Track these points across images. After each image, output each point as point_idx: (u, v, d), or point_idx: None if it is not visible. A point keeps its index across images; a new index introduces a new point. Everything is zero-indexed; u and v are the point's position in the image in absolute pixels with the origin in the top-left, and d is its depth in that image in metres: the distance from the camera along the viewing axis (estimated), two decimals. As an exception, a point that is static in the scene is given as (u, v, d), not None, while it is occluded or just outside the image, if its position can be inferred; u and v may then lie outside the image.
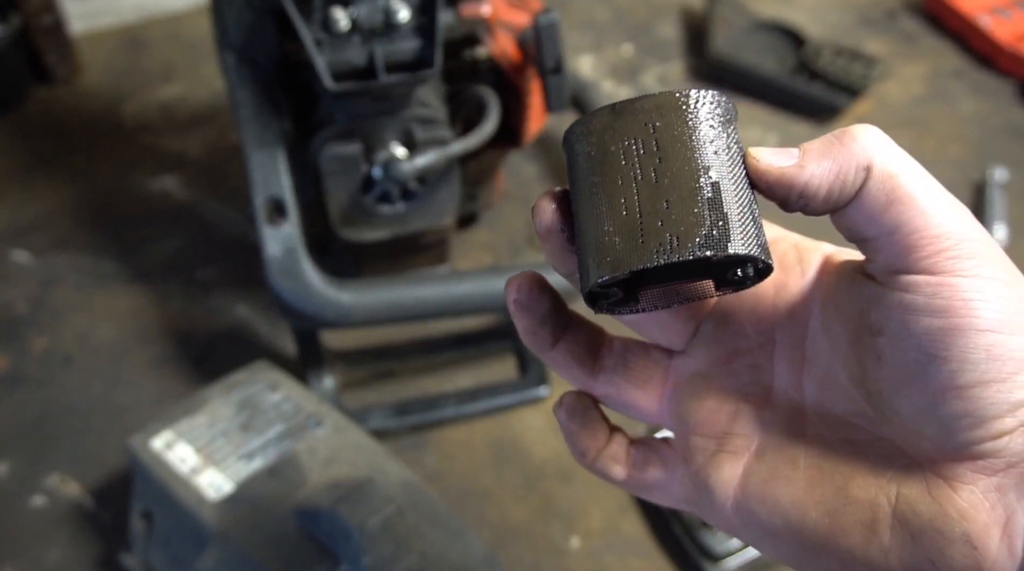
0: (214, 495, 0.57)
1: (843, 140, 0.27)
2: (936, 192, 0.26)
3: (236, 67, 0.67)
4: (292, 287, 0.66)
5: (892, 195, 0.26)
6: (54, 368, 0.79)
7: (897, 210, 0.26)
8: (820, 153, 0.27)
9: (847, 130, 0.27)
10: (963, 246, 0.26)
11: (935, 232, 0.26)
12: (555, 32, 0.68)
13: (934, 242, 0.26)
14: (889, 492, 0.26)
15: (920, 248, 0.26)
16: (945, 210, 0.26)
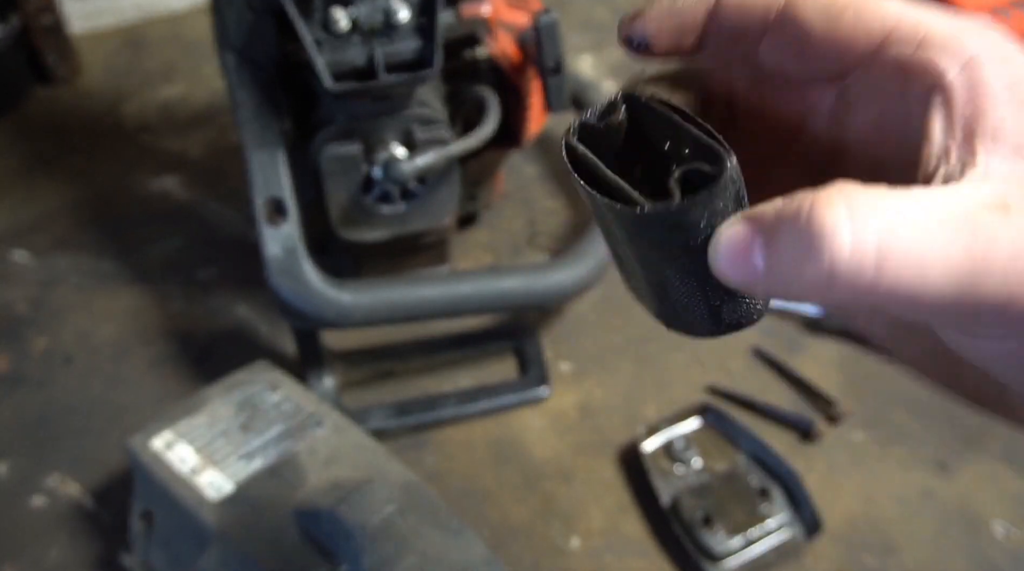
0: (214, 495, 0.57)
1: (812, 254, 0.20)
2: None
3: (236, 67, 0.67)
4: (292, 287, 0.66)
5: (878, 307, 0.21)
6: (54, 368, 0.79)
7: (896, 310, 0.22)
8: (780, 274, 0.21)
9: (814, 235, 0.20)
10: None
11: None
12: (555, 32, 0.68)
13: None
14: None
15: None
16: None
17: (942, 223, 0.20)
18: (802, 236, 0.20)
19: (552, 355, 0.79)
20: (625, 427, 0.74)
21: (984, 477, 0.70)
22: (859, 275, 0.19)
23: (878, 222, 0.19)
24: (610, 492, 0.69)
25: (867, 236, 0.19)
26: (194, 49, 1.16)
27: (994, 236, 0.20)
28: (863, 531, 0.67)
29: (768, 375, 0.78)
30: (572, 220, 0.93)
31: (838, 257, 0.19)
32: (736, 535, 0.64)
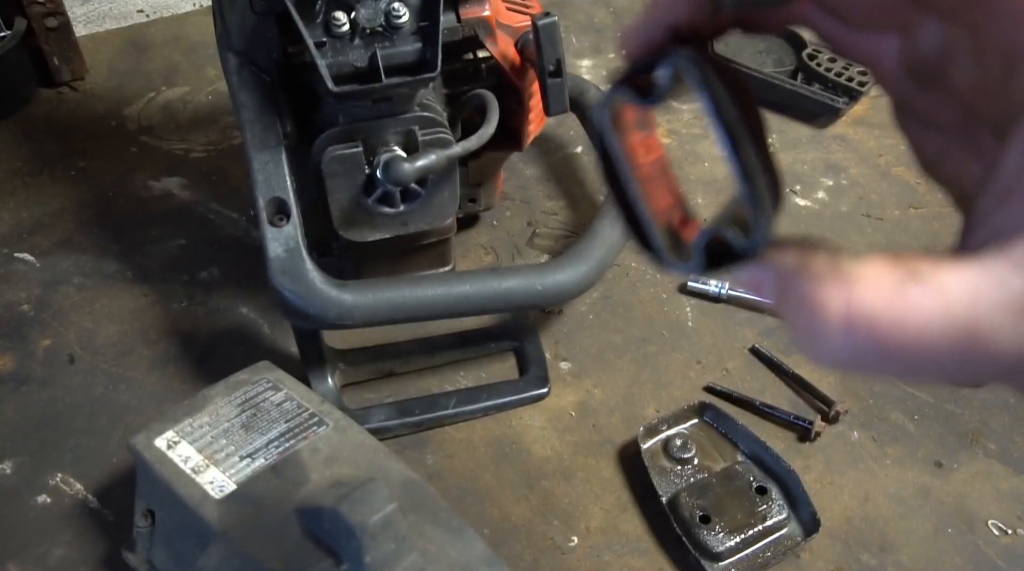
0: (216, 494, 0.57)
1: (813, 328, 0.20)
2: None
3: (238, 69, 0.68)
4: (294, 287, 0.66)
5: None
6: (57, 368, 0.79)
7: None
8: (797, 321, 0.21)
9: (818, 312, 0.20)
10: None
11: None
12: (554, 34, 0.69)
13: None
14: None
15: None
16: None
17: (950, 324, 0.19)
18: (804, 310, 0.20)
19: (552, 355, 0.80)
20: (625, 426, 0.74)
21: (980, 476, 0.71)
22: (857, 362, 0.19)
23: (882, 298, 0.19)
24: (609, 491, 0.70)
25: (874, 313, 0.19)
26: (197, 51, 1.16)
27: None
28: (860, 529, 0.67)
29: (766, 375, 0.78)
30: (572, 220, 0.93)
31: (832, 346, 0.19)
32: (734, 534, 0.64)
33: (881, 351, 0.19)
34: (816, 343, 0.20)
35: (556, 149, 1.02)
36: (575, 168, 1.00)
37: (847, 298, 0.19)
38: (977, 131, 0.25)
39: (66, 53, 1.09)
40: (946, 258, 0.20)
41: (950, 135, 0.26)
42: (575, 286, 0.72)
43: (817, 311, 0.19)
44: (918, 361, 0.19)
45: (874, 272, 0.19)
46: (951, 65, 0.24)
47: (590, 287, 0.74)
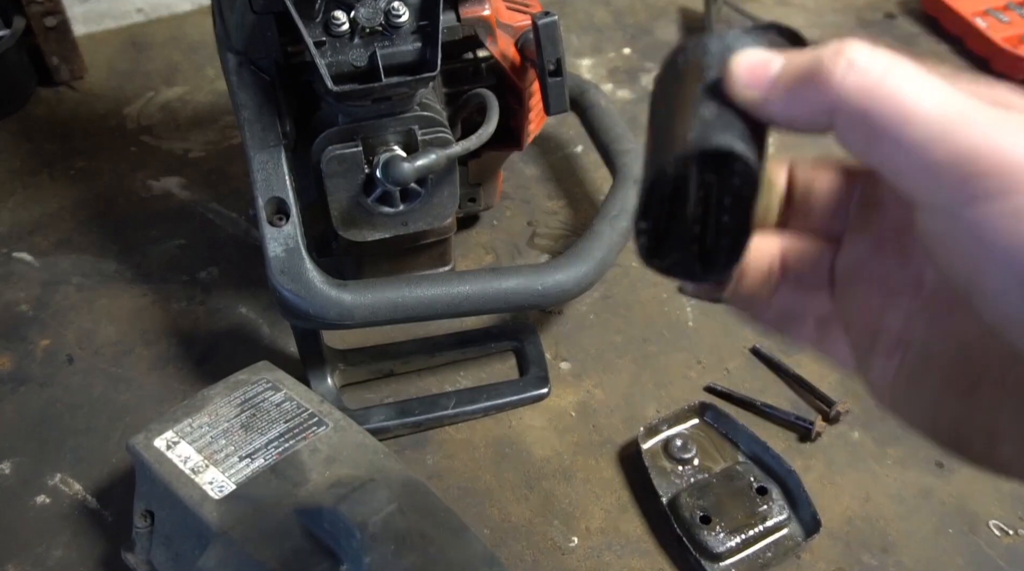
0: (216, 494, 0.57)
1: (814, 72, 0.24)
2: (928, 114, 0.23)
3: (238, 69, 0.68)
4: (294, 287, 0.66)
5: (870, 135, 0.24)
6: (56, 368, 0.79)
7: (880, 150, 0.24)
8: (790, 87, 0.25)
9: (824, 59, 0.24)
10: (976, 172, 0.23)
11: (935, 163, 0.23)
12: (554, 33, 0.69)
13: (936, 176, 0.23)
14: (1012, 406, 0.25)
15: (921, 186, 0.24)
16: (941, 131, 0.23)
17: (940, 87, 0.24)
18: (815, 56, 0.25)
19: (552, 355, 0.80)
20: (625, 427, 0.74)
21: (981, 476, 0.71)
22: (860, 91, 0.23)
23: (884, 60, 0.24)
24: (610, 491, 0.70)
25: (873, 64, 0.24)
26: (196, 51, 1.16)
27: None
28: (861, 530, 0.67)
29: (767, 375, 0.78)
30: (572, 220, 0.93)
31: (843, 71, 0.24)
32: (735, 534, 0.64)
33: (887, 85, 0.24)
34: (824, 87, 0.25)
35: (556, 149, 1.02)
36: (575, 168, 1.00)
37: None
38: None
39: (65, 52, 1.09)
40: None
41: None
42: (575, 286, 0.72)
43: (834, 53, 0.25)
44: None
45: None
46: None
47: (590, 287, 0.74)
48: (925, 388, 0.28)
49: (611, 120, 0.89)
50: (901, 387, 0.28)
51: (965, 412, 0.26)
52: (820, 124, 0.25)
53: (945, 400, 0.27)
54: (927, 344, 0.28)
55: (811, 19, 1.23)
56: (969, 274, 0.24)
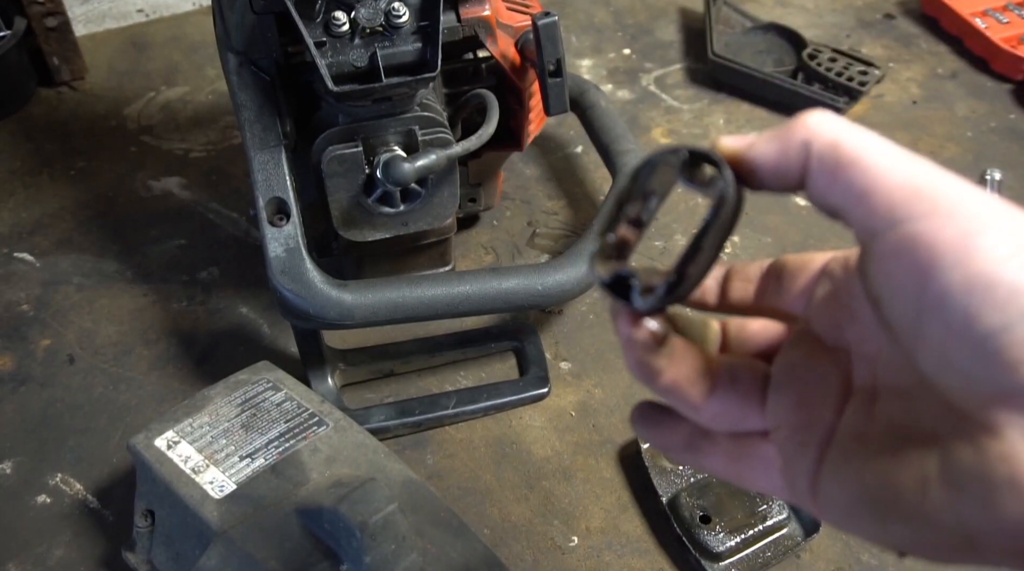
0: (216, 494, 0.57)
1: (791, 123, 0.29)
2: (882, 149, 0.27)
3: (238, 69, 0.68)
4: (294, 287, 0.66)
5: (837, 162, 0.27)
6: (57, 368, 0.79)
7: (845, 175, 0.27)
8: (769, 135, 0.29)
9: (795, 117, 0.29)
10: (918, 193, 0.26)
11: (886, 186, 0.26)
12: (554, 34, 0.69)
13: (887, 196, 0.26)
14: (940, 450, 0.26)
15: (876, 206, 0.26)
16: (892, 163, 0.27)
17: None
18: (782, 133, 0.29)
19: (552, 355, 0.80)
20: (625, 426, 0.74)
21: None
22: (828, 125, 0.28)
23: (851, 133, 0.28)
24: (610, 491, 0.70)
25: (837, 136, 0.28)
26: (196, 51, 1.16)
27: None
28: (861, 530, 0.67)
29: (767, 375, 0.78)
30: (572, 220, 0.93)
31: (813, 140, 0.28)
32: (735, 534, 0.64)
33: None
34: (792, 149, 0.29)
35: (556, 149, 1.02)
36: (575, 168, 1.00)
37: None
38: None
39: (66, 53, 1.09)
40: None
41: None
42: (575, 286, 0.72)
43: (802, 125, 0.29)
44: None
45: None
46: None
47: (590, 287, 0.74)
48: (851, 464, 0.29)
49: (611, 120, 0.89)
50: (831, 464, 0.30)
51: (894, 468, 0.28)
52: (794, 158, 0.28)
53: (872, 465, 0.28)
54: (855, 426, 0.30)
55: (811, 19, 1.23)
56: (915, 311, 0.26)
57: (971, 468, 0.25)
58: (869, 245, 0.27)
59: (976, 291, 0.24)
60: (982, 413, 0.25)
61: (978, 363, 0.25)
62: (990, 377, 0.25)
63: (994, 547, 0.25)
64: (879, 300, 0.27)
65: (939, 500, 0.26)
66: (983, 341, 0.24)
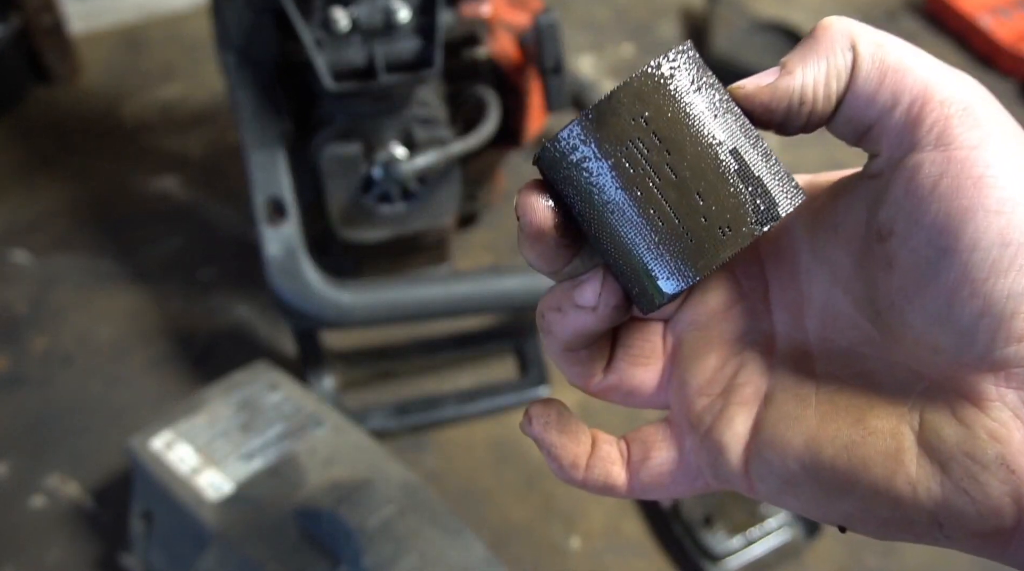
0: (214, 495, 0.57)
1: (817, 34, 0.26)
2: (929, 58, 0.24)
3: (236, 67, 0.67)
4: (292, 287, 0.66)
5: (884, 66, 0.24)
6: (54, 368, 0.79)
7: (893, 80, 0.24)
8: (801, 55, 0.26)
9: (817, 25, 0.26)
10: (970, 112, 0.23)
11: (938, 97, 0.23)
12: (555, 32, 0.68)
13: (937, 108, 0.23)
14: (912, 419, 0.24)
15: (923, 117, 0.23)
16: (944, 74, 0.24)
17: None
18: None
19: (552, 355, 0.79)
20: (625, 427, 0.73)
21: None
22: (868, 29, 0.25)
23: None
24: (610, 492, 0.69)
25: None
26: (194, 49, 1.16)
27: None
28: (864, 531, 0.67)
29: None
30: (572, 220, 0.93)
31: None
32: (736, 535, 0.64)
33: None
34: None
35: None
36: (575, 167, 0.99)
37: None
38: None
39: (62, 51, 1.08)
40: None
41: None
42: (576, 286, 0.72)
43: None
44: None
45: None
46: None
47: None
48: (796, 430, 0.26)
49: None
50: (769, 430, 0.27)
51: (857, 437, 0.25)
52: (842, 70, 0.25)
53: (826, 431, 0.25)
54: (793, 388, 0.27)
55: (812, 17, 1.23)
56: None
57: (956, 445, 0.23)
58: (901, 162, 0.24)
59: (1016, 245, 0.22)
60: (968, 382, 0.23)
61: (984, 323, 0.22)
62: (991, 342, 0.22)
63: (964, 528, 0.23)
64: (889, 229, 0.24)
65: (914, 476, 0.24)
66: (1001, 301, 0.22)
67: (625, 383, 0.31)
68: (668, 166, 0.25)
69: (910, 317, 0.24)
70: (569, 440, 0.30)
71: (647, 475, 0.30)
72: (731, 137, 0.25)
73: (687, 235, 0.25)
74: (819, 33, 0.25)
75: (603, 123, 0.25)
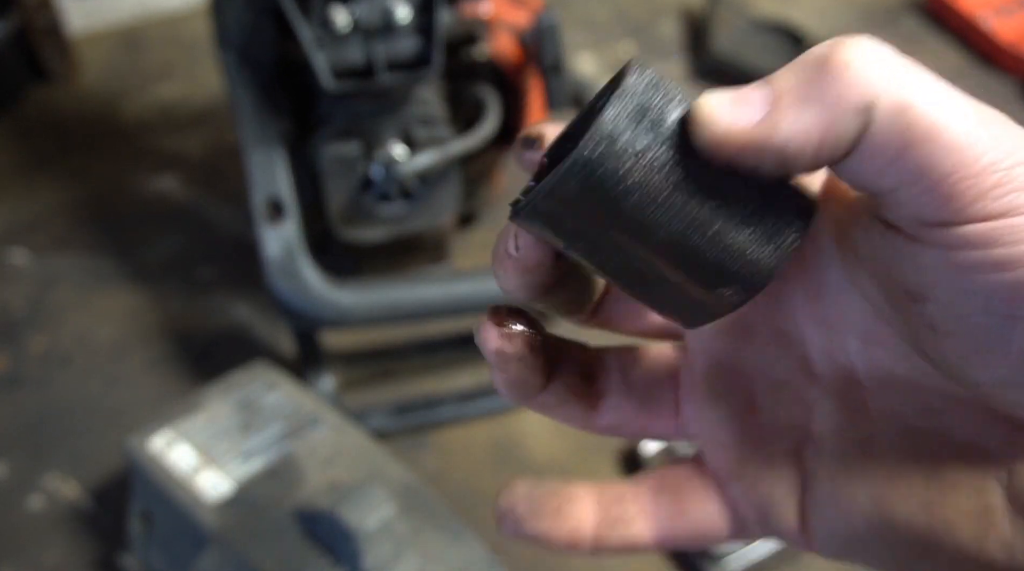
0: (213, 495, 0.57)
1: (827, 73, 0.19)
2: (965, 112, 0.19)
3: (235, 66, 0.67)
4: (291, 287, 0.66)
5: (908, 135, 0.19)
6: (53, 368, 0.78)
7: (918, 153, 0.19)
8: (799, 97, 0.19)
9: (832, 53, 0.19)
10: (1017, 173, 0.19)
11: (977, 167, 0.19)
12: (555, 31, 0.68)
13: (978, 180, 0.19)
14: (997, 471, 0.21)
15: (961, 193, 0.19)
16: (982, 134, 0.19)
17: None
18: (814, 55, 0.20)
19: (552, 355, 0.79)
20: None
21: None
22: (893, 76, 0.19)
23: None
24: (610, 492, 0.69)
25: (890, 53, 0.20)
26: (192, 49, 1.16)
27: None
28: (864, 532, 0.67)
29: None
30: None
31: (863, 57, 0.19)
32: (737, 536, 0.64)
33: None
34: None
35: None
36: (575, 166, 0.99)
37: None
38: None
39: (60, 50, 1.08)
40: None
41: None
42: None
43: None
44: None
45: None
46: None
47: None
48: (861, 482, 0.23)
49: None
50: (826, 486, 0.23)
51: (937, 493, 0.21)
52: (846, 134, 0.19)
53: (899, 486, 0.22)
54: (848, 430, 0.23)
55: (813, 16, 1.23)
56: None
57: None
58: (929, 233, 0.20)
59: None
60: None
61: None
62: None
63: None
64: (924, 295, 0.20)
65: (1009, 538, 0.21)
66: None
67: (631, 424, 0.26)
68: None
69: (974, 376, 0.20)
70: (552, 521, 0.25)
71: (684, 531, 0.25)
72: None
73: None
74: (829, 72, 0.19)
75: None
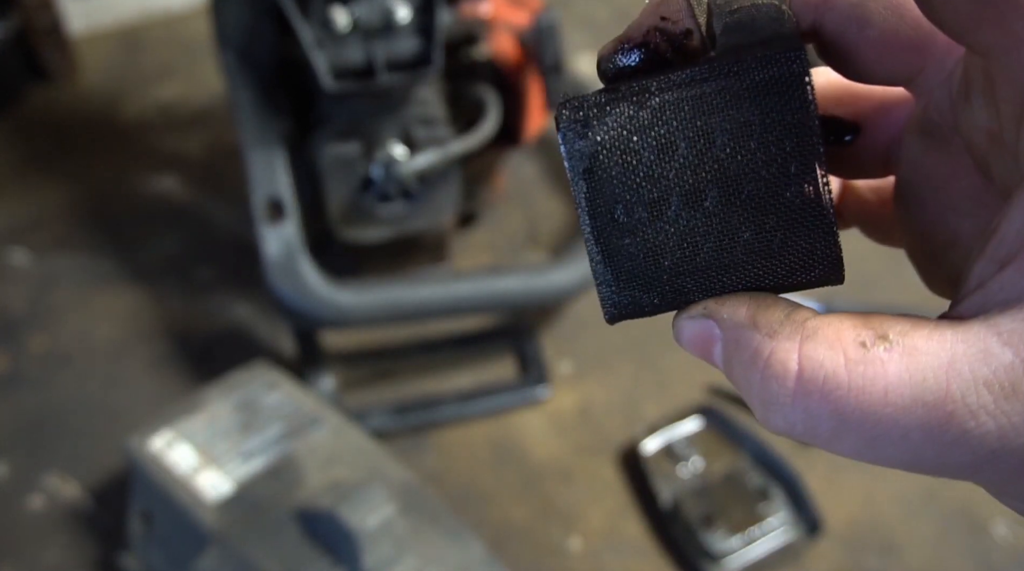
0: (213, 495, 0.57)
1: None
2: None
3: (235, 67, 0.67)
4: (291, 287, 0.66)
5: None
6: (53, 368, 0.78)
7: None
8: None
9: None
10: None
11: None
12: (555, 32, 0.68)
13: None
14: None
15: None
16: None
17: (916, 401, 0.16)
18: (753, 369, 0.17)
19: (552, 355, 0.79)
20: (625, 427, 0.73)
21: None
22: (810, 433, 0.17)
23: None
24: (610, 492, 0.69)
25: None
26: (192, 50, 1.16)
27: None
28: (864, 532, 0.67)
29: (769, 375, 0.78)
30: (572, 220, 0.92)
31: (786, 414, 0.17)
32: (736, 535, 0.64)
33: (838, 419, 0.17)
34: (767, 407, 0.17)
35: (556, 147, 1.01)
36: (575, 166, 0.99)
37: (800, 355, 0.17)
38: (991, 204, 0.21)
39: (61, 50, 1.08)
40: (924, 322, 0.17)
41: (960, 212, 0.22)
42: (575, 286, 0.72)
43: (767, 369, 0.17)
44: (881, 434, 0.16)
45: (834, 329, 0.17)
46: (964, 115, 0.21)
47: (590, 287, 0.73)
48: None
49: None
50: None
51: None
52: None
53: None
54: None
55: (812, 17, 1.23)
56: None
57: None
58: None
59: None
60: None
61: None
62: None
63: None
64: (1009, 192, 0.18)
65: None
66: None
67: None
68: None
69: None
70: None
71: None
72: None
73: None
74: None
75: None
